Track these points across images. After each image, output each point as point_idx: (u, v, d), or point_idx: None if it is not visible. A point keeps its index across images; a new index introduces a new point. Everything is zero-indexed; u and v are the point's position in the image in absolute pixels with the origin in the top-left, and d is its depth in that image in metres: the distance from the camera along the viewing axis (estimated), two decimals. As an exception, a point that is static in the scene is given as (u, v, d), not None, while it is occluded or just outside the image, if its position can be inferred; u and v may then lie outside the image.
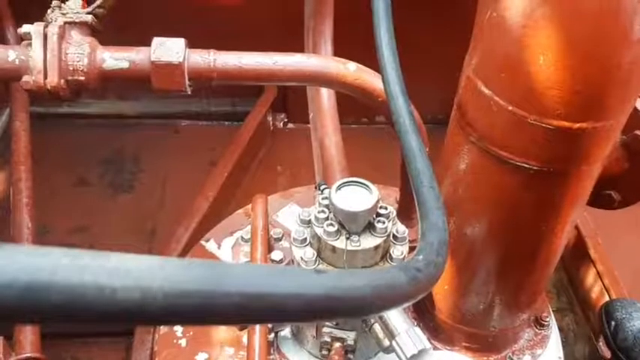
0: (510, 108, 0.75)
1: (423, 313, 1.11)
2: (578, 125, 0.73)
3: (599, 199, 1.03)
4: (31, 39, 0.98)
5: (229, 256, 1.29)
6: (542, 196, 0.84)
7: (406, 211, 1.23)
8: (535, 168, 0.79)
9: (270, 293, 0.34)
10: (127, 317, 0.29)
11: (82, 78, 0.99)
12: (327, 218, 0.93)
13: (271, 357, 1.07)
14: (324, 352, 1.04)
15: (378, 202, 0.92)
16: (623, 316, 1.31)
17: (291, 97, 2.23)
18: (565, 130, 0.73)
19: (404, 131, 0.84)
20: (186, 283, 0.31)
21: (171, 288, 0.30)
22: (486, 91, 0.77)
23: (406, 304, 0.48)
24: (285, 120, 2.30)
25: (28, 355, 1.27)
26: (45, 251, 0.28)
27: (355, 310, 0.40)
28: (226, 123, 2.28)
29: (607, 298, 1.46)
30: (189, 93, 1.02)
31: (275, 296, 0.34)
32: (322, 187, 1.10)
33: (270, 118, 2.24)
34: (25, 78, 0.98)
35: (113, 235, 1.83)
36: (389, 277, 0.44)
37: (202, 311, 0.31)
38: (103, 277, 0.28)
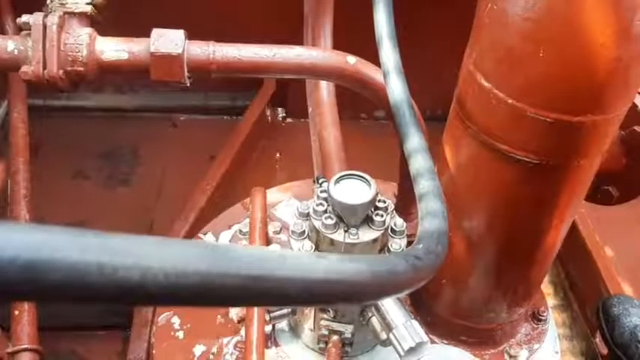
0: (510, 101, 0.75)
1: (421, 307, 1.11)
2: (577, 119, 0.73)
3: (597, 195, 1.03)
4: (29, 29, 0.98)
5: (227, 249, 1.28)
6: (541, 189, 0.84)
7: (404, 206, 1.23)
8: (534, 161, 0.79)
9: (271, 275, 0.34)
10: (128, 297, 0.29)
11: (81, 69, 0.99)
12: (325, 211, 0.93)
13: (268, 349, 1.07)
14: (322, 345, 1.04)
15: (376, 195, 0.92)
16: (620, 312, 1.31)
17: (290, 92, 2.23)
18: (564, 124, 0.73)
19: (403, 123, 0.85)
20: (188, 264, 0.30)
21: (173, 268, 0.30)
22: (486, 84, 0.77)
23: (405, 292, 0.48)
24: (284, 114, 2.30)
25: (26, 346, 1.27)
26: (46, 229, 0.28)
27: (354, 294, 0.40)
28: (225, 117, 2.28)
29: (604, 295, 1.46)
30: (188, 85, 1.02)
31: (276, 278, 0.34)
32: (321, 180, 1.10)
33: (269, 113, 2.24)
34: (23, 68, 0.98)
35: (111, 228, 1.77)
36: (389, 264, 0.45)
37: (202, 292, 0.31)
38: (105, 256, 0.28)
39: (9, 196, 1.53)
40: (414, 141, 0.83)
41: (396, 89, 0.88)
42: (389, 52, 0.91)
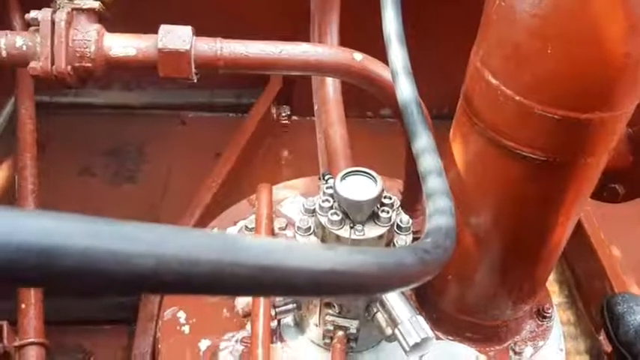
0: (517, 98, 0.75)
1: (426, 303, 1.11)
2: (585, 116, 0.73)
3: (603, 193, 1.03)
4: (38, 25, 0.99)
5: (233, 245, 1.29)
6: (548, 187, 0.84)
7: (410, 203, 1.23)
8: (541, 159, 0.79)
9: (281, 266, 0.34)
10: (140, 284, 0.29)
11: (89, 65, 1.00)
12: (331, 207, 0.93)
13: (274, 344, 1.08)
14: (327, 341, 1.04)
15: (382, 191, 0.92)
16: (625, 310, 1.31)
17: (296, 90, 2.23)
18: (572, 121, 0.73)
19: (412, 123, 0.85)
20: (199, 252, 0.31)
21: (185, 256, 0.30)
22: (493, 81, 0.77)
23: (412, 285, 0.48)
24: (289, 112, 2.30)
25: (32, 340, 1.28)
26: (59, 215, 0.28)
27: (361, 286, 0.40)
28: (231, 115, 2.28)
29: (609, 293, 1.46)
30: (195, 81, 1.02)
31: (285, 269, 0.34)
32: (327, 177, 1.10)
33: (274, 111, 2.24)
34: (32, 64, 0.99)
35: (117, 224, 1.82)
36: (397, 257, 0.45)
37: (214, 280, 0.31)
38: (118, 243, 0.29)
39: (16, 191, 1.54)
40: (423, 141, 0.83)
41: (405, 89, 0.89)
42: (397, 53, 0.91)
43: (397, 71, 0.89)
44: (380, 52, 0.98)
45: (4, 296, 1.39)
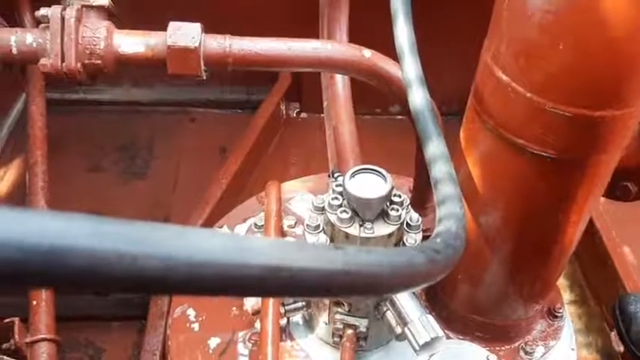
0: (528, 95, 0.74)
1: (436, 302, 1.10)
2: (598, 113, 0.72)
3: (615, 191, 1.02)
4: (48, 22, 0.99)
5: (242, 242, 1.29)
6: (559, 185, 0.83)
7: (420, 201, 1.22)
8: (552, 156, 0.78)
9: (291, 266, 0.34)
10: (147, 286, 0.29)
11: (99, 62, 1.00)
12: (340, 205, 0.93)
13: (283, 342, 1.08)
14: (336, 339, 1.04)
15: (392, 189, 0.91)
16: (637, 310, 1.30)
17: (305, 87, 2.23)
18: (584, 118, 0.72)
19: (421, 118, 0.85)
20: (208, 254, 0.31)
21: (193, 257, 0.30)
22: (504, 77, 0.76)
23: (423, 285, 0.48)
24: (299, 109, 2.30)
25: (43, 336, 1.29)
26: (68, 216, 0.28)
27: (372, 287, 0.40)
28: (240, 111, 2.29)
29: (620, 292, 1.45)
30: (204, 78, 1.02)
31: (295, 270, 0.34)
32: (336, 175, 1.10)
33: (283, 107, 2.24)
34: (42, 61, 0.99)
35: (126, 221, 1.83)
36: (407, 257, 0.44)
37: (222, 282, 0.31)
38: (126, 245, 0.28)
39: (27, 187, 1.55)
40: (435, 148, 0.83)
41: (419, 98, 0.88)
42: (410, 63, 0.90)
43: (411, 80, 0.89)
44: (389, 49, 0.97)
45: (15, 293, 1.40)
